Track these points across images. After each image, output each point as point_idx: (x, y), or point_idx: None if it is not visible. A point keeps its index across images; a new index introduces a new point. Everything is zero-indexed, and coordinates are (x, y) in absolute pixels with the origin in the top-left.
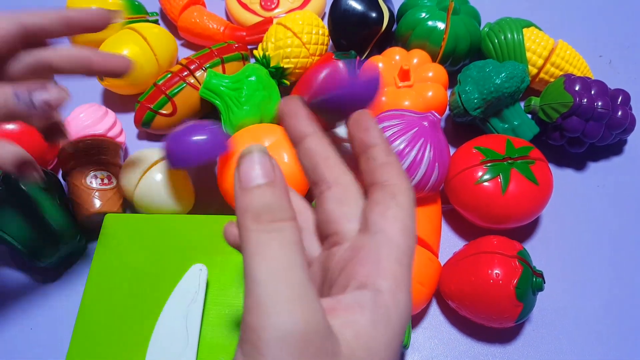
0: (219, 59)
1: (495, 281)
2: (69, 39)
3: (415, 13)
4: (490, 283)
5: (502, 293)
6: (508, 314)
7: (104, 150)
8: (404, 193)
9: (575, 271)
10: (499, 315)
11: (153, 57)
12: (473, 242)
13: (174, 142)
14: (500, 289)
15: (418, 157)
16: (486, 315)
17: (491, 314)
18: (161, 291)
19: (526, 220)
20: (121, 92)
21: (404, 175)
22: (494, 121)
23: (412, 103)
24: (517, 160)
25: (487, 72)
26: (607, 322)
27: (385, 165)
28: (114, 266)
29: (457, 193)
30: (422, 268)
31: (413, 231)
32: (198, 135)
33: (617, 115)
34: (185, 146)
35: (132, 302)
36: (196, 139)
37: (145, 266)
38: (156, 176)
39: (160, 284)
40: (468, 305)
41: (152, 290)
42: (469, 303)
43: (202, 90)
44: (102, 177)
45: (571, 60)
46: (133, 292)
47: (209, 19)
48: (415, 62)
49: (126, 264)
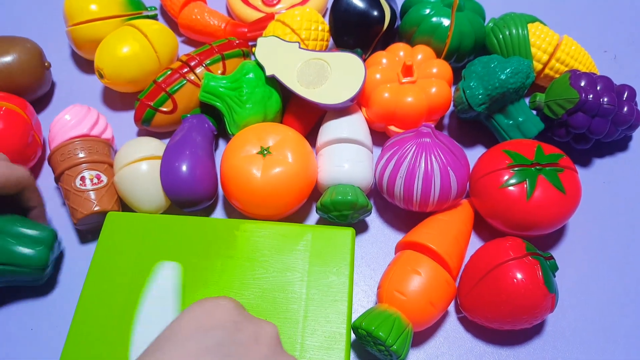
0: (219, 55)
1: (524, 286)
2: (71, 39)
3: (419, 9)
4: (521, 291)
5: (535, 294)
6: (545, 309)
7: (91, 149)
8: None
9: (581, 266)
10: (538, 314)
11: (153, 54)
12: (478, 255)
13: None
14: (533, 291)
15: (429, 169)
16: (525, 320)
17: (530, 317)
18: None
19: (549, 229)
20: (121, 90)
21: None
22: (498, 117)
23: (415, 99)
24: (545, 167)
25: (492, 68)
26: (613, 317)
27: None
28: (113, 265)
29: (481, 196)
30: (437, 289)
31: None
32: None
33: (623, 111)
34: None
35: (131, 301)
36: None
37: (145, 265)
38: (132, 172)
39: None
40: (507, 320)
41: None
42: (506, 318)
43: (202, 94)
44: (92, 177)
45: (576, 55)
46: (132, 290)
47: (210, 15)
48: (419, 58)
49: (126, 263)
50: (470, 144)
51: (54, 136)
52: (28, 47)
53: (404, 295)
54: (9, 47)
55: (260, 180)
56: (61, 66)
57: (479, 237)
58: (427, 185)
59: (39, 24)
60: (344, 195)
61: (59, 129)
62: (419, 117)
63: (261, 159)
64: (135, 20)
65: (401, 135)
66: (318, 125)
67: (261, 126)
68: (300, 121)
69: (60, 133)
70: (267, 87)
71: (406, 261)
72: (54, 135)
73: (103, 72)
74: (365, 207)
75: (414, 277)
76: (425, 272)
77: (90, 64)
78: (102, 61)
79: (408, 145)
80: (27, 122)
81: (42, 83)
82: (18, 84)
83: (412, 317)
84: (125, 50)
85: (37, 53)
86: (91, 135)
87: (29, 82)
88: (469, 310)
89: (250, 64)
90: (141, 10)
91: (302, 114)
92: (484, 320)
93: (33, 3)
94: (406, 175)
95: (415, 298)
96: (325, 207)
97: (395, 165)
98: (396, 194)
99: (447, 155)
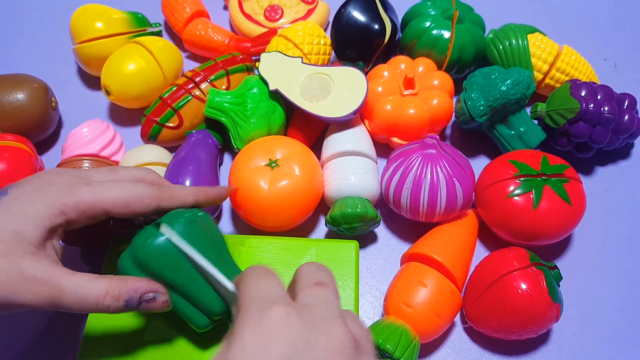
0: (223, 70)
1: (529, 296)
2: (77, 57)
3: (419, 22)
4: (526, 301)
5: (539, 304)
6: (550, 318)
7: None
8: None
9: (585, 274)
10: (543, 324)
11: (159, 71)
12: (482, 265)
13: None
14: (537, 301)
15: (435, 180)
16: (530, 330)
17: (535, 327)
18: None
19: (555, 239)
20: (127, 106)
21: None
22: (500, 128)
23: (417, 111)
24: (551, 178)
25: (493, 79)
26: (619, 325)
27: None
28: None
29: (487, 206)
30: (443, 300)
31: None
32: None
33: (624, 120)
34: None
35: (138, 331)
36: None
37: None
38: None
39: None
40: (512, 330)
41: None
42: (511, 328)
43: (207, 109)
44: None
45: (576, 65)
46: (140, 321)
47: (214, 31)
48: (420, 70)
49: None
50: (473, 154)
51: (67, 147)
52: (35, 86)
53: (410, 308)
54: (15, 86)
55: (267, 192)
56: (67, 83)
57: (485, 246)
58: (433, 196)
59: (43, 43)
60: (353, 208)
61: (74, 141)
62: (422, 128)
63: (269, 171)
64: (140, 37)
65: (406, 147)
66: (321, 138)
67: (270, 139)
68: (303, 134)
69: (73, 146)
70: (270, 101)
71: (411, 273)
72: (68, 146)
73: (110, 89)
74: (375, 218)
75: (419, 289)
76: (431, 284)
77: (97, 80)
78: (109, 78)
79: (414, 157)
80: (34, 160)
81: (49, 122)
82: (25, 125)
83: (419, 329)
84: (131, 67)
85: (44, 92)
86: (100, 156)
87: (36, 122)
88: (474, 320)
89: (254, 79)
90: (146, 27)
91: (306, 127)
92: (489, 331)
93: (38, 24)
94: (412, 187)
95: (422, 310)
96: (335, 220)
97: (402, 177)
98: (403, 204)
99: (453, 166)
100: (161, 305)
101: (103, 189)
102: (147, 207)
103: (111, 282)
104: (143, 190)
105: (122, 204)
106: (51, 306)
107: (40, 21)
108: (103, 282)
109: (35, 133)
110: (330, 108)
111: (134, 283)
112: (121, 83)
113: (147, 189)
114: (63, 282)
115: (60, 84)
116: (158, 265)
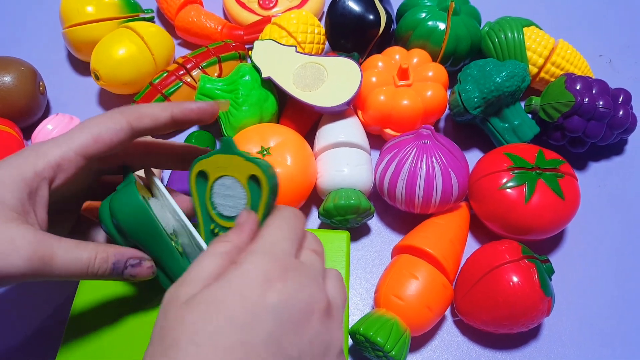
0: (215, 57)
1: (520, 289)
2: (67, 41)
3: (415, 13)
4: (517, 294)
5: (531, 297)
6: (541, 312)
7: None
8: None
9: (575, 270)
10: (534, 318)
11: (150, 56)
12: (474, 258)
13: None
14: (528, 294)
15: (430, 171)
16: (522, 323)
17: (526, 320)
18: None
19: (547, 234)
20: (117, 92)
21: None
22: (494, 120)
23: (411, 102)
24: (545, 172)
25: (488, 71)
26: (610, 321)
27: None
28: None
29: (480, 197)
30: (434, 293)
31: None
32: None
33: (619, 115)
34: None
35: (126, 304)
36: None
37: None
38: None
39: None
40: (503, 324)
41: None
42: (502, 321)
43: (198, 96)
44: None
45: (572, 59)
46: (126, 294)
47: (207, 18)
48: (415, 62)
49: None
50: (466, 147)
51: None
52: (22, 70)
53: (401, 300)
54: (2, 69)
55: None
56: (56, 68)
57: (477, 240)
58: (429, 187)
59: (32, 26)
60: (347, 200)
61: (40, 139)
62: (415, 120)
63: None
64: (131, 23)
65: (400, 138)
66: (314, 129)
67: (264, 126)
68: (296, 124)
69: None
70: (263, 89)
71: (403, 265)
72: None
73: (99, 74)
74: (368, 210)
75: (411, 282)
76: (422, 276)
77: (86, 65)
78: (98, 63)
79: (408, 148)
80: (21, 144)
81: (37, 107)
82: (11, 109)
83: (410, 321)
84: (121, 52)
85: (32, 76)
86: None
87: (23, 107)
88: (464, 313)
89: (246, 67)
90: (138, 13)
91: (299, 117)
92: (480, 324)
93: (27, 7)
94: (408, 178)
95: (413, 302)
96: (328, 213)
97: (397, 168)
98: (398, 196)
99: (448, 156)
100: (146, 271)
101: (67, 137)
102: (117, 133)
103: (98, 246)
104: (107, 118)
105: (92, 140)
106: (42, 273)
107: (30, 4)
108: (90, 246)
109: (22, 117)
110: (323, 97)
111: (119, 248)
112: (111, 68)
113: (110, 117)
114: (54, 246)
115: (49, 68)
116: (129, 222)
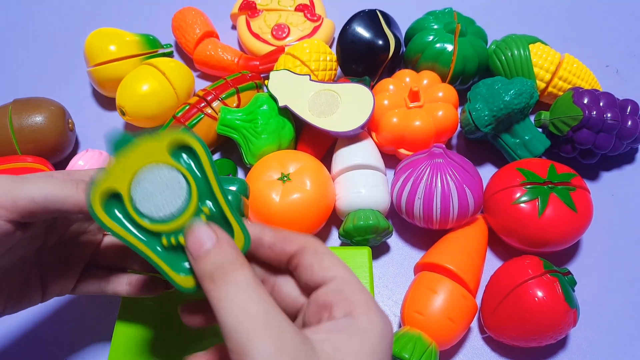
0: (234, 89)
1: (546, 304)
2: (92, 79)
3: (423, 36)
4: (543, 309)
5: (556, 311)
6: (568, 324)
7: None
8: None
9: (597, 278)
10: (562, 330)
11: (172, 91)
12: (498, 275)
13: None
14: (554, 308)
15: (446, 188)
16: (549, 336)
17: (554, 333)
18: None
19: (561, 246)
20: (142, 126)
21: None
22: (505, 136)
23: (423, 123)
24: (557, 186)
25: (496, 90)
26: (624, 322)
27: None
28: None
29: (495, 212)
30: (454, 304)
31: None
32: None
33: (627, 126)
34: None
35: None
36: None
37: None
38: None
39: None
40: (531, 338)
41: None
42: (530, 336)
43: (219, 127)
44: None
45: (578, 73)
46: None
47: (223, 50)
48: (425, 83)
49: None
50: (479, 163)
51: None
52: (52, 109)
53: (422, 315)
54: (34, 110)
55: (278, 205)
56: (83, 105)
57: (495, 254)
58: (445, 204)
59: (59, 66)
60: (365, 220)
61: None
62: (428, 139)
63: (281, 184)
64: (153, 59)
65: (413, 157)
66: (330, 152)
67: (283, 153)
68: (313, 149)
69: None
70: (280, 117)
71: (422, 283)
72: None
73: (125, 110)
74: (387, 229)
75: (430, 297)
76: (441, 290)
77: (111, 101)
78: (124, 99)
79: (422, 167)
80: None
81: (67, 144)
82: (43, 147)
83: (434, 334)
84: (144, 88)
85: (61, 115)
86: None
87: (54, 144)
88: (493, 330)
89: (263, 96)
90: (157, 49)
91: (315, 142)
92: (509, 340)
93: (53, 48)
94: (424, 196)
95: (433, 315)
96: (348, 234)
97: (412, 187)
98: (416, 214)
99: (461, 173)
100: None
101: (26, 180)
102: (65, 198)
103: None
104: (62, 178)
105: (40, 194)
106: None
107: (55, 46)
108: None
109: (53, 154)
110: (338, 123)
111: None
112: (136, 103)
113: (65, 179)
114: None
115: (76, 105)
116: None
